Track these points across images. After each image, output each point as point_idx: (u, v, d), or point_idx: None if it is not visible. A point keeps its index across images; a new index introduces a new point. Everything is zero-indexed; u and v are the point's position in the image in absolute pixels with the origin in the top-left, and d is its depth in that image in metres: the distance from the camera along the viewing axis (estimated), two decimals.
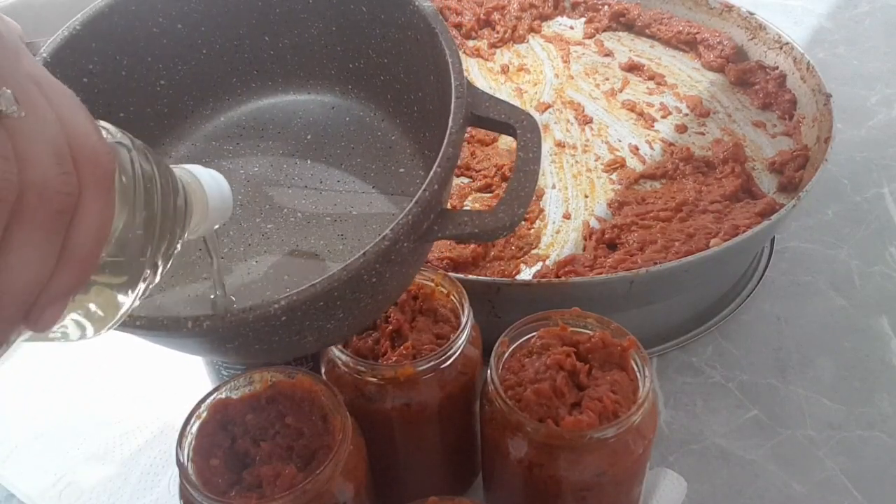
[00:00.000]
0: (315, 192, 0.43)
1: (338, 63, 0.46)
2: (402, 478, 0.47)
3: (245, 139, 0.45)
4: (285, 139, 0.45)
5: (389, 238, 0.31)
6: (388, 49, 0.43)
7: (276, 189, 0.43)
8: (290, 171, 0.44)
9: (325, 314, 0.32)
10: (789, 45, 0.76)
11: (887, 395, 0.56)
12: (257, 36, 0.45)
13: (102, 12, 0.39)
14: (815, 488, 0.51)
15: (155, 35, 0.41)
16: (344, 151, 0.44)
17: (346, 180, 0.43)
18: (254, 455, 0.38)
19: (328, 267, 0.39)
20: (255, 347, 0.34)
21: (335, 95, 0.46)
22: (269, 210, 0.42)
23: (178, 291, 0.39)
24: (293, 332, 0.33)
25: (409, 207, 0.31)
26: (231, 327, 0.30)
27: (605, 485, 0.40)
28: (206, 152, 0.44)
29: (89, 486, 0.53)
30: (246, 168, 0.44)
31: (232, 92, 0.45)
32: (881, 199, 0.74)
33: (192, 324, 0.30)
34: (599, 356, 0.42)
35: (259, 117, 0.46)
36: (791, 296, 0.64)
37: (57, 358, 0.62)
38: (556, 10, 0.93)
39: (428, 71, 0.41)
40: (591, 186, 0.68)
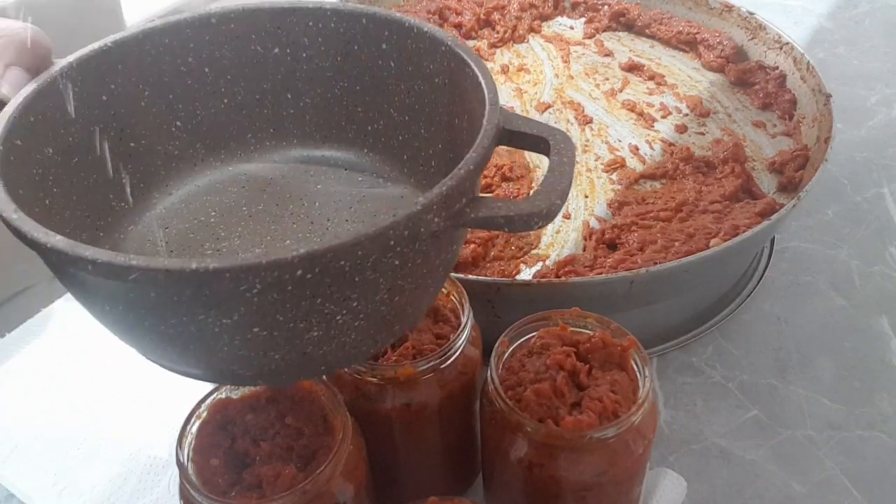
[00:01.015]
0: (322, 228, 0.42)
1: (356, 126, 0.45)
2: (402, 478, 0.47)
3: (250, 184, 0.44)
4: (294, 187, 0.44)
5: (422, 204, 0.29)
6: (411, 105, 0.43)
7: (278, 224, 0.42)
8: (297, 209, 0.43)
9: (339, 291, 0.29)
10: (789, 45, 0.76)
11: (887, 395, 0.56)
12: (280, 92, 0.44)
13: (136, 37, 0.39)
14: (815, 488, 0.51)
15: (181, 74, 0.41)
16: (353, 200, 0.44)
17: (354, 218, 0.43)
18: (254, 455, 0.38)
19: None
20: (253, 331, 0.30)
21: (350, 155, 0.46)
22: (272, 242, 0.41)
23: None
24: (301, 311, 0.29)
25: (444, 181, 0.30)
26: (239, 275, 0.26)
27: (605, 485, 0.40)
28: (211, 191, 0.43)
29: (89, 486, 0.53)
30: (250, 207, 0.43)
31: (245, 147, 0.45)
32: (881, 199, 0.74)
33: (198, 264, 0.26)
34: (599, 356, 0.42)
35: (269, 175, 0.45)
36: (791, 296, 0.64)
37: (57, 358, 0.62)
38: (556, 10, 0.93)
39: (453, 114, 0.41)
40: (591, 186, 0.68)
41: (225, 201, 0.43)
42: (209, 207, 0.42)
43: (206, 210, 0.42)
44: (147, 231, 0.41)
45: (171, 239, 0.41)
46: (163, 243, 0.40)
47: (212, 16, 0.40)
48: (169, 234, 0.41)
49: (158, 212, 0.42)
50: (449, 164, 0.41)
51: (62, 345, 0.63)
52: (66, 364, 0.61)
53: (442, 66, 0.40)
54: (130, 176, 0.40)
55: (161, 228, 0.41)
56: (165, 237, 0.41)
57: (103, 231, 0.39)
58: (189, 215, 0.42)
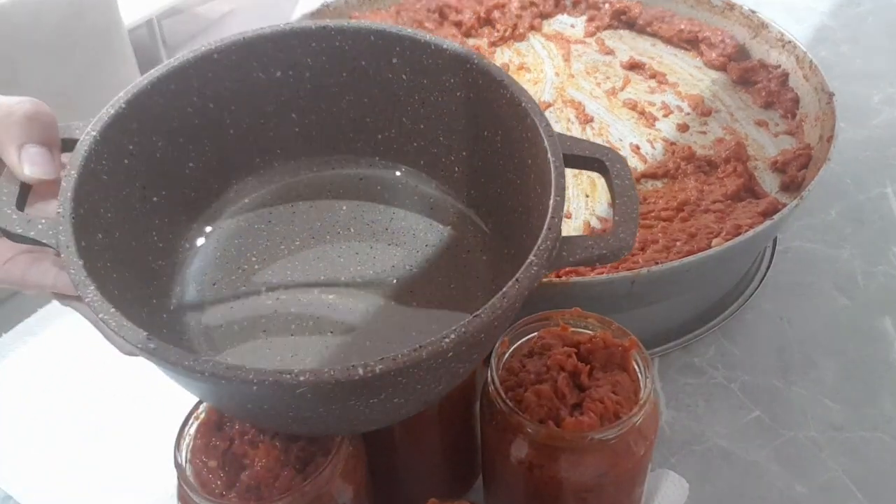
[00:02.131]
0: (368, 256, 0.41)
1: (365, 135, 0.45)
2: (402, 479, 0.47)
3: (276, 216, 0.43)
4: (320, 213, 0.44)
5: (536, 263, 0.31)
6: (427, 115, 0.42)
7: (325, 260, 0.41)
8: (335, 240, 0.42)
9: (463, 356, 0.32)
10: (792, 43, 0.76)
11: (890, 396, 0.56)
12: (284, 113, 0.43)
13: (145, 90, 0.38)
14: (817, 490, 0.50)
15: (188, 115, 0.40)
16: (385, 216, 0.43)
17: (398, 242, 0.42)
18: (252, 457, 0.37)
19: (408, 327, 0.39)
20: (393, 402, 0.32)
21: (361, 167, 0.45)
22: (326, 281, 0.41)
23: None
24: (423, 384, 0.32)
25: (544, 234, 0.32)
26: (404, 369, 0.28)
27: (607, 486, 0.40)
28: (239, 233, 0.43)
29: (89, 486, 0.52)
30: (287, 244, 0.42)
31: (255, 172, 0.44)
32: (885, 198, 0.74)
33: (364, 371, 0.28)
34: (601, 357, 0.42)
35: (286, 195, 0.44)
36: (794, 296, 0.64)
37: (55, 358, 0.62)
38: (557, 9, 0.93)
39: (481, 127, 0.41)
40: (591, 186, 0.68)
41: (259, 243, 0.42)
42: (247, 252, 0.42)
43: (244, 256, 0.41)
44: (197, 290, 0.40)
45: (227, 296, 0.40)
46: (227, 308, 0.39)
47: (213, 52, 0.40)
48: (220, 291, 0.40)
49: (196, 266, 0.41)
50: (477, 173, 0.42)
51: (61, 345, 0.63)
52: (65, 364, 0.61)
53: (466, 81, 0.40)
54: (159, 230, 0.40)
55: (210, 285, 0.40)
56: (220, 297, 0.40)
57: (156, 297, 0.39)
58: (229, 265, 0.41)
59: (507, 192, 0.41)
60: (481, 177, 0.42)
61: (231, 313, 0.39)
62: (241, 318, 0.39)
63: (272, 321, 0.39)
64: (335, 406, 0.31)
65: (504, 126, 0.39)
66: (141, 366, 0.62)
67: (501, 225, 0.41)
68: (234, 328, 0.39)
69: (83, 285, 0.31)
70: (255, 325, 0.39)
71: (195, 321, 0.39)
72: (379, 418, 0.35)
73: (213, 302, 0.40)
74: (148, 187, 0.39)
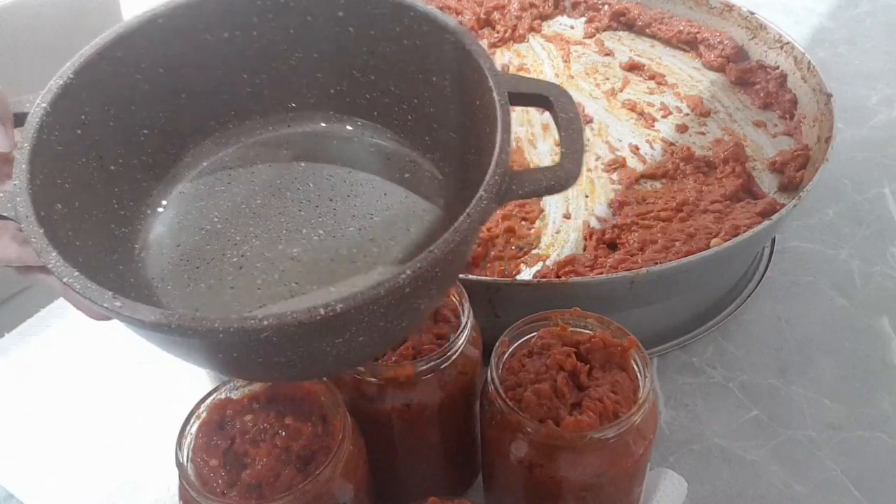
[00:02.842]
0: (329, 208, 0.42)
1: (317, 91, 0.45)
2: (402, 478, 0.47)
3: (235, 178, 0.44)
4: (278, 171, 0.44)
5: (485, 198, 0.32)
6: (377, 65, 0.43)
7: (286, 215, 0.42)
8: (295, 195, 0.43)
9: (421, 292, 0.32)
10: (790, 44, 0.76)
11: (888, 395, 0.56)
12: (235, 74, 0.43)
13: (92, 59, 0.38)
14: (815, 489, 0.51)
15: (138, 81, 0.40)
16: (342, 169, 0.44)
17: (356, 193, 0.43)
18: (253, 456, 0.38)
19: (371, 270, 0.39)
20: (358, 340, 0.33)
21: (316, 123, 0.46)
22: (288, 235, 0.41)
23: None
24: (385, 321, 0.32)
25: (492, 169, 0.33)
26: (363, 306, 0.29)
27: (606, 485, 0.40)
28: (199, 196, 0.43)
29: (90, 486, 0.53)
30: (248, 203, 0.43)
31: (210, 135, 0.44)
32: (882, 198, 0.74)
33: (325, 310, 0.28)
34: (600, 356, 0.42)
35: (244, 156, 0.45)
36: (792, 296, 0.64)
37: (57, 357, 0.62)
38: (557, 10, 0.93)
39: (429, 73, 0.41)
40: (591, 186, 0.68)
41: (221, 203, 0.42)
42: (209, 213, 0.42)
43: (206, 217, 0.42)
44: (162, 255, 0.40)
45: (192, 257, 0.40)
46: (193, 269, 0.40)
47: (158, 16, 0.40)
48: (185, 252, 0.40)
49: (158, 231, 0.41)
50: (429, 119, 0.43)
51: (61, 345, 0.63)
52: (66, 364, 0.61)
53: (410, 29, 0.40)
54: (119, 198, 0.40)
55: (174, 247, 0.41)
56: (185, 258, 0.40)
57: (122, 264, 0.39)
58: (192, 226, 0.41)
59: (458, 136, 0.41)
60: (433, 123, 0.43)
61: (197, 273, 0.40)
62: (208, 276, 0.40)
63: (238, 277, 0.39)
64: (301, 349, 0.32)
65: (451, 70, 0.40)
66: (142, 365, 0.63)
67: (455, 168, 0.42)
68: (202, 286, 0.39)
69: (45, 252, 0.31)
70: (223, 282, 0.39)
71: (162, 283, 0.39)
72: (348, 358, 0.35)
73: (179, 263, 0.40)
74: (104, 156, 0.39)
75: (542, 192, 0.35)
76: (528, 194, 0.35)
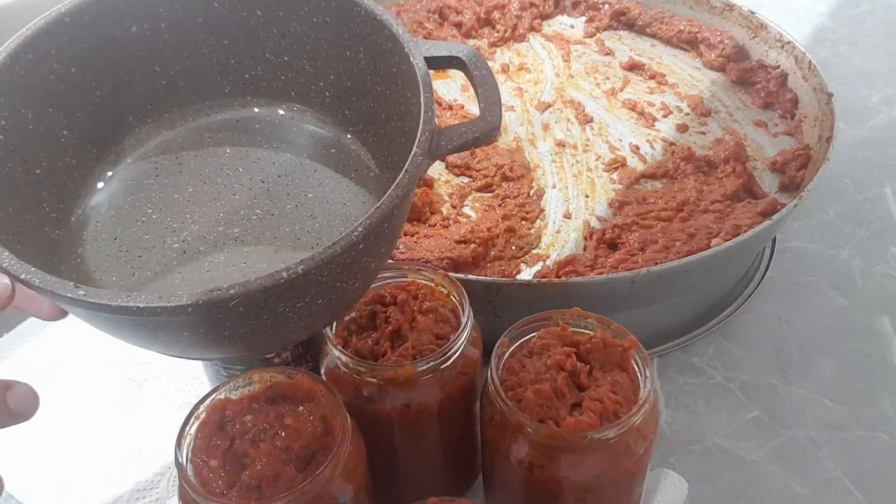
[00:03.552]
0: (262, 189, 0.43)
1: (232, 77, 0.45)
2: (402, 478, 0.47)
3: (162, 170, 0.44)
4: (205, 159, 0.44)
5: (419, 154, 0.35)
6: (288, 46, 0.44)
7: (221, 200, 0.42)
8: (226, 181, 0.43)
9: (372, 249, 0.34)
10: (791, 44, 0.76)
11: (889, 395, 0.56)
12: (148, 68, 0.44)
13: (4, 64, 0.38)
14: (816, 489, 0.51)
15: (52, 82, 0.40)
16: (269, 151, 0.45)
17: (287, 172, 0.44)
18: (253, 456, 0.38)
19: (315, 244, 0.40)
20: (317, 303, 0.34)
21: (235, 110, 0.46)
22: (226, 217, 0.42)
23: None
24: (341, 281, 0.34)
25: (422, 127, 0.35)
26: (322, 266, 0.31)
27: (606, 486, 0.40)
28: (129, 191, 0.43)
29: (89, 486, 0.53)
30: (180, 192, 0.43)
31: (130, 132, 0.44)
32: (883, 198, 0.74)
33: (288, 273, 0.30)
34: (600, 356, 0.42)
35: (167, 148, 0.45)
36: (792, 296, 0.64)
37: (56, 358, 0.62)
38: (557, 9, 0.93)
39: (343, 47, 0.42)
40: (591, 186, 0.68)
41: (152, 196, 0.43)
42: (142, 206, 0.42)
43: (140, 210, 0.42)
44: (100, 249, 0.40)
45: (131, 247, 0.40)
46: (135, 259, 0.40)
47: (64, 15, 0.40)
48: (123, 244, 0.41)
49: (93, 229, 0.41)
50: (347, 93, 0.44)
51: (61, 345, 0.63)
52: (66, 364, 0.61)
53: (319, 6, 0.41)
54: (49, 201, 0.40)
55: (112, 241, 0.41)
56: (124, 248, 0.40)
57: (62, 264, 0.39)
58: (128, 220, 0.42)
59: (379, 105, 0.43)
60: (352, 96, 0.44)
61: (140, 262, 0.40)
62: (152, 263, 0.40)
63: (184, 262, 0.40)
64: (266, 315, 0.32)
65: (365, 42, 0.41)
66: (142, 365, 0.63)
67: (380, 136, 0.43)
68: (147, 273, 0.40)
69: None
70: (169, 268, 0.40)
71: (106, 275, 0.40)
72: (309, 323, 0.36)
73: (119, 255, 0.40)
74: (28, 160, 0.39)
75: (470, 144, 0.38)
76: (456, 148, 0.38)
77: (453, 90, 0.81)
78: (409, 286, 0.46)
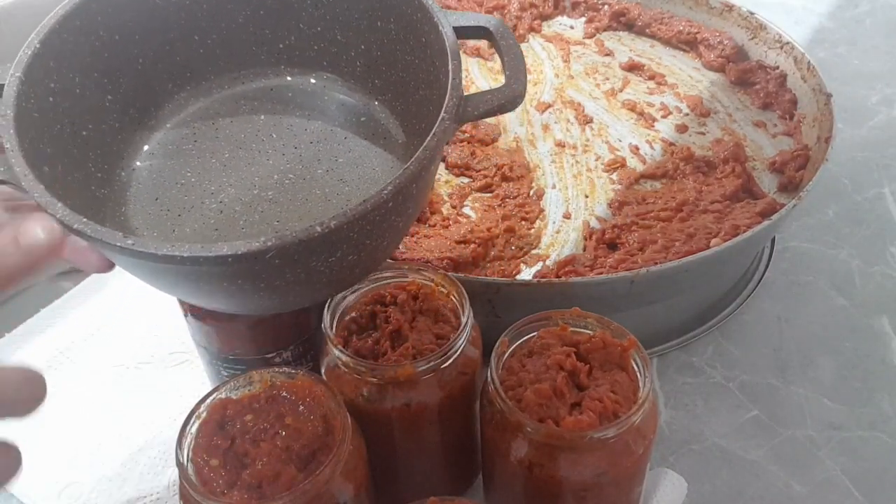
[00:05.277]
0: (295, 155, 0.45)
1: (267, 46, 0.47)
2: (402, 478, 0.47)
3: (200, 136, 0.46)
4: (241, 126, 0.47)
5: (447, 119, 0.36)
6: (322, 16, 0.45)
7: (256, 165, 0.45)
8: (261, 147, 0.45)
9: (400, 208, 0.36)
10: (790, 44, 0.76)
11: (888, 395, 0.56)
12: (187, 37, 0.46)
13: (54, 29, 0.40)
14: (815, 489, 0.51)
15: (97, 49, 0.42)
16: (301, 119, 0.47)
17: (318, 139, 0.46)
18: (253, 455, 0.38)
19: (345, 204, 0.41)
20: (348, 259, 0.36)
21: (269, 79, 0.48)
22: (261, 181, 0.44)
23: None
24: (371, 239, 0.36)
25: (450, 93, 0.37)
26: (354, 222, 0.32)
27: (606, 485, 0.40)
28: (169, 155, 0.45)
29: (89, 486, 0.53)
30: (217, 157, 0.45)
31: (170, 98, 0.47)
32: (882, 198, 0.74)
33: (322, 227, 0.32)
34: (600, 356, 0.42)
35: (205, 115, 0.47)
36: (791, 296, 0.64)
37: (56, 357, 0.62)
38: (556, 10, 0.93)
39: (374, 18, 0.44)
40: (591, 186, 0.68)
41: (190, 160, 0.45)
42: (181, 169, 0.44)
43: (179, 173, 0.44)
44: (143, 209, 0.43)
45: (172, 207, 0.43)
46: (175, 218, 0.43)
47: None
48: (164, 204, 0.43)
49: (135, 190, 0.44)
50: (377, 62, 0.46)
51: (61, 345, 0.63)
52: (66, 364, 0.61)
53: None
54: (94, 162, 0.42)
55: (153, 201, 0.43)
56: (165, 208, 0.43)
57: (108, 222, 0.41)
58: (168, 182, 0.44)
59: (408, 74, 0.44)
60: (382, 65, 0.46)
61: (180, 220, 0.42)
62: (191, 221, 0.42)
63: (221, 221, 0.42)
64: (300, 269, 0.35)
65: (396, 12, 0.43)
66: (142, 365, 0.62)
67: (408, 105, 0.45)
68: (187, 230, 0.42)
69: (51, 205, 0.34)
70: (206, 226, 0.42)
71: (148, 232, 0.42)
72: (340, 278, 0.39)
73: (160, 214, 0.43)
74: (76, 123, 0.41)
75: (495, 111, 0.39)
76: (482, 114, 0.39)
77: None
78: (410, 286, 0.46)
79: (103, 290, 0.66)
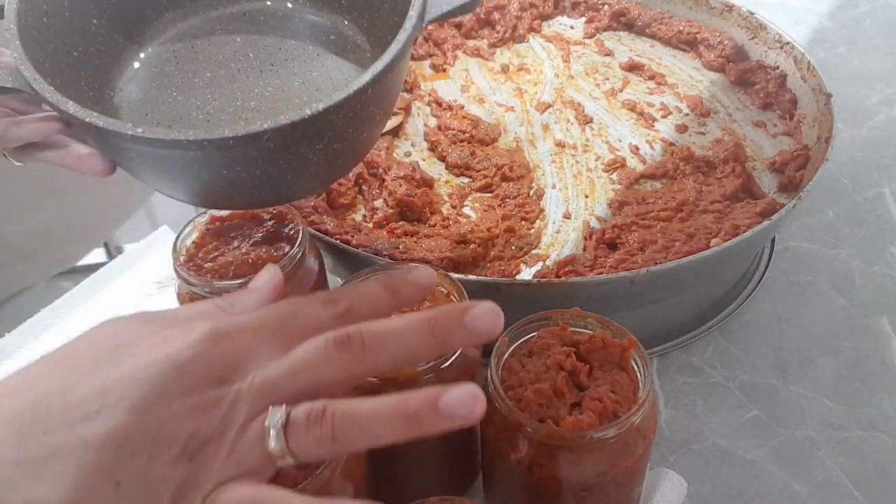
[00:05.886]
0: (272, 71, 0.48)
1: None
2: (402, 478, 0.47)
3: (181, 57, 0.49)
4: (219, 47, 0.49)
5: (413, 16, 0.40)
6: None
7: (236, 82, 0.48)
8: (239, 65, 0.49)
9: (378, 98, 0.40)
10: (790, 44, 0.76)
11: (888, 395, 0.56)
12: None
13: None
14: (815, 489, 0.51)
15: None
16: (275, 39, 0.50)
17: (292, 57, 0.49)
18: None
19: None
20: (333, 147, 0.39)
21: (240, 4, 0.51)
22: (243, 94, 0.47)
23: None
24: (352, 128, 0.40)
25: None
26: (339, 106, 0.36)
27: (606, 485, 0.40)
28: (153, 77, 0.48)
29: None
30: (199, 76, 0.48)
31: (150, 24, 0.49)
32: (882, 198, 0.74)
33: (311, 110, 0.35)
34: (600, 356, 0.42)
35: (182, 38, 0.50)
36: (791, 296, 0.64)
37: None
38: (557, 10, 0.93)
39: None
40: (591, 186, 0.68)
41: (175, 80, 0.48)
42: (166, 89, 0.47)
43: (165, 92, 0.47)
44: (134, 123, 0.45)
45: (162, 120, 0.46)
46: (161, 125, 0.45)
47: None
48: (154, 118, 0.46)
49: (126, 108, 0.46)
50: None
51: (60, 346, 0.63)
52: None
53: None
54: (85, 80, 0.45)
55: (143, 116, 0.46)
56: (155, 122, 0.46)
57: None
58: (156, 101, 0.47)
59: None
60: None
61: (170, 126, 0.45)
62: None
63: (209, 128, 0.44)
64: (292, 156, 0.38)
65: None
66: None
67: (374, 19, 0.48)
68: None
69: (63, 102, 0.37)
70: None
71: None
72: (327, 169, 0.43)
73: (151, 126, 0.45)
74: (66, 44, 0.44)
75: (457, 11, 0.42)
76: (445, 15, 0.42)
77: (453, 90, 0.81)
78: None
79: (103, 290, 0.66)
